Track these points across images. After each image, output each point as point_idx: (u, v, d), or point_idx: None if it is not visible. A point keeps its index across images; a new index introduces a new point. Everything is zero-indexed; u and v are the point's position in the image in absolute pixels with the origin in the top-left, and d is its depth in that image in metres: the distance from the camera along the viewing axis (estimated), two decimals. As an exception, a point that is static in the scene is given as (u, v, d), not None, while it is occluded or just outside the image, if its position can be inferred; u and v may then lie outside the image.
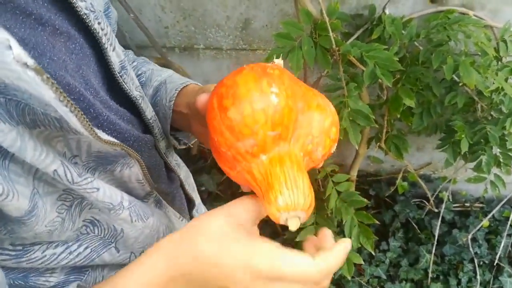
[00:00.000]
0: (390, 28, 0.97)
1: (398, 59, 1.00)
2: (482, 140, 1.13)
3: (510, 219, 1.49)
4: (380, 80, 1.04)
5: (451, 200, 1.62)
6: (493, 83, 0.95)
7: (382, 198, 1.66)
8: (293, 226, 0.38)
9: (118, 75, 0.47)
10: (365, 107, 1.00)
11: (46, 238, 0.39)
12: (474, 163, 1.18)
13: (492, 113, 1.18)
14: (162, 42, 1.28)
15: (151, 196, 0.55)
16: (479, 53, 1.02)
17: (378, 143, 1.29)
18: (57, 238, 0.41)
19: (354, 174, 1.48)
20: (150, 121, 0.54)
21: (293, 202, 0.37)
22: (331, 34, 0.93)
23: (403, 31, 1.02)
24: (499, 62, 1.09)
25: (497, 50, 1.07)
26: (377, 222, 1.08)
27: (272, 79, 0.39)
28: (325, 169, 1.21)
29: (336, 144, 0.45)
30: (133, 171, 0.48)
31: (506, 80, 1.08)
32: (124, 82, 0.49)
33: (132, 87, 0.51)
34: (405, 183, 1.60)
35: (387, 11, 1.07)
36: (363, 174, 1.68)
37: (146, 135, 0.52)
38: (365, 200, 1.12)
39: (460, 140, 1.11)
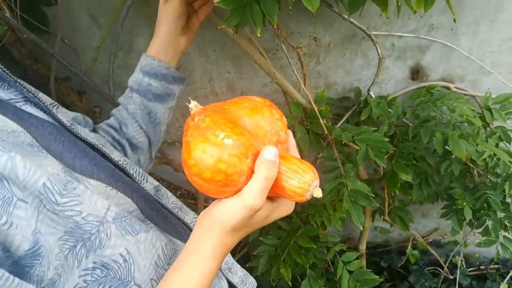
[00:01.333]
0: (377, 110, 1.02)
1: (388, 136, 1.05)
2: (485, 205, 1.13)
3: (529, 279, 1.45)
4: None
5: (465, 265, 1.58)
6: (485, 150, 0.98)
7: (395, 269, 1.62)
8: (318, 194, 0.47)
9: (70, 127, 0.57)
10: (364, 186, 1.02)
11: (67, 284, 0.44)
12: (481, 229, 1.17)
13: (489, 177, 1.21)
14: (164, 138, 1.33)
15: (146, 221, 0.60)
16: (466, 122, 1.07)
17: (382, 216, 1.30)
18: (69, 281, 0.45)
19: (363, 247, 1.47)
20: (120, 163, 0.60)
21: (304, 184, 0.46)
22: (321, 121, 0.98)
23: (390, 110, 1.07)
24: (487, 129, 1.14)
25: (483, 118, 1.12)
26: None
27: (211, 129, 0.45)
28: (333, 248, 1.21)
29: (283, 117, 0.53)
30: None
31: (497, 145, 1.11)
32: (77, 131, 0.58)
33: (87, 134, 0.60)
34: (416, 252, 1.57)
35: (371, 93, 1.13)
36: (372, 246, 1.66)
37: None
38: (377, 277, 1.11)
39: (463, 208, 1.12)
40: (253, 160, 0.45)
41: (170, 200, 0.69)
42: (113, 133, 0.77)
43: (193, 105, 0.51)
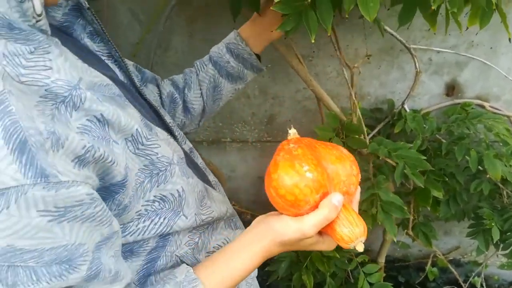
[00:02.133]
0: (412, 124, 1.01)
1: (421, 151, 1.04)
2: (513, 228, 1.12)
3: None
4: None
5: (484, 286, 1.56)
6: (518, 173, 0.97)
7: (412, 285, 1.60)
8: (360, 248, 0.53)
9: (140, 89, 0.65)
10: (396, 198, 1.01)
11: (133, 210, 0.54)
12: (507, 250, 1.15)
13: (519, 199, 1.19)
14: (191, 137, 1.34)
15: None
16: (498, 141, 1.06)
17: (406, 230, 1.29)
18: (135, 208, 0.54)
19: (382, 260, 1.46)
20: (170, 124, 0.68)
21: (353, 235, 0.52)
22: (365, 132, 0.98)
23: (424, 125, 1.07)
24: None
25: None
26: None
27: (300, 159, 0.53)
28: (355, 259, 1.20)
29: (359, 175, 0.59)
30: None
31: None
32: (145, 93, 0.65)
33: (151, 98, 0.67)
34: (435, 269, 1.55)
35: (406, 107, 1.13)
36: (390, 260, 1.65)
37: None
38: (399, 292, 1.10)
39: (491, 228, 1.11)
40: (321, 198, 0.53)
41: (199, 160, 0.78)
42: (173, 90, 0.82)
43: (292, 132, 0.60)
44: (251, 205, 1.53)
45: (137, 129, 0.52)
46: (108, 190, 0.49)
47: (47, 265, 0.41)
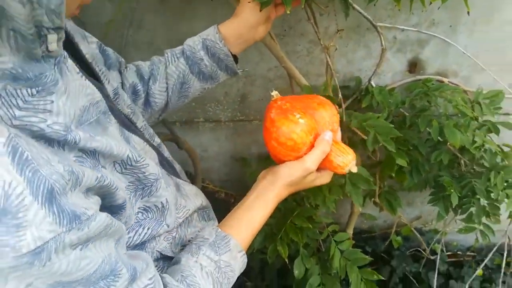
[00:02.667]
0: (378, 97, 1.07)
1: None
2: (470, 193, 1.21)
3: (503, 266, 1.55)
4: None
5: (444, 251, 1.68)
6: (475, 140, 1.05)
7: (378, 254, 1.70)
8: (354, 169, 0.67)
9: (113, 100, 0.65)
10: (363, 170, 1.07)
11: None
12: (464, 215, 1.25)
13: (475, 167, 1.28)
14: (164, 117, 1.35)
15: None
16: (458, 114, 1.14)
17: (373, 199, 1.36)
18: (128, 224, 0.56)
19: (350, 232, 1.54)
20: (141, 129, 0.69)
21: (347, 160, 0.65)
22: (343, 106, 1.03)
23: (389, 100, 1.13)
24: (476, 122, 1.21)
25: (473, 111, 1.19)
26: (381, 277, 1.13)
27: (291, 111, 0.62)
28: (327, 229, 1.26)
29: (338, 114, 0.71)
30: None
31: (485, 137, 1.19)
32: (118, 104, 0.65)
33: (124, 107, 0.67)
34: (399, 238, 1.65)
35: (372, 83, 1.19)
36: (357, 232, 1.73)
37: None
38: (367, 257, 1.17)
39: (450, 195, 1.19)
40: (314, 138, 0.63)
41: (166, 153, 0.79)
42: (137, 81, 0.78)
43: (275, 94, 0.69)
44: (224, 183, 1.57)
45: (128, 156, 0.54)
46: (109, 211, 0.51)
47: (95, 284, 0.43)
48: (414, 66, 1.23)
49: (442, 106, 1.16)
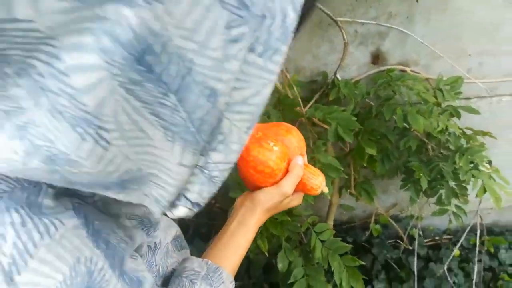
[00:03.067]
0: (344, 89, 1.12)
1: (354, 115, 1.15)
2: (438, 176, 1.27)
3: (477, 245, 1.62)
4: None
5: (422, 235, 1.73)
6: (438, 125, 1.10)
7: (359, 243, 1.74)
8: (326, 190, 0.70)
9: None
10: (333, 160, 1.11)
11: None
12: (435, 198, 1.31)
13: (442, 151, 1.34)
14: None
15: None
16: (421, 102, 1.19)
17: (349, 190, 1.40)
18: None
19: (330, 223, 1.57)
20: None
21: (319, 182, 0.69)
22: (300, 104, 1.06)
23: (355, 91, 1.17)
24: (439, 108, 1.27)
25: (435, 97, 1.24)
26: (363, 263, 1.16)
27: (264, 139, 0.65)
28: (306, 221, 1.30)
29: (303, 139, 0.73)
30: None
31: (447, 121, 1.25)
32: None
33: None
34: (378, 226, 1.70)
35: (338, 76, 1.23)
36: (338, 223, 1.77)
37: None
38: (347, 245, 1.21)
39: (420, 179, 1.24)
40: (287, 164, 0.66)
41: None
42: None
43: None
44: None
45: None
46: None
47: None
48: (377, 58, 1.28)
49: (406, 95, 1.22)
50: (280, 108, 1.16)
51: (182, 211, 0.33)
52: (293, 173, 0.65)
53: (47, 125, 0.24)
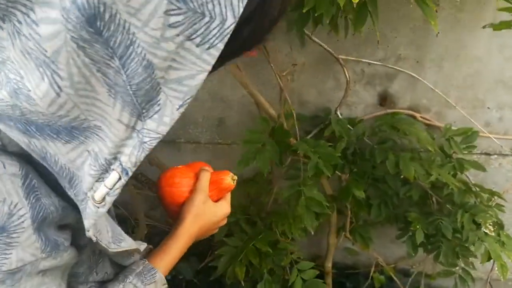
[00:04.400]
0: (336, 127, 1.10)
1: (350, 154, 1.12)
2: (437, 232, 1.18)
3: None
4: (338, 173, 1.15)
5: (429, 295, 1.60)
6: (430, 174, 1.04)
7: (360, 291, 1.65)
8: (235, 177, 0.72)
9: None
10: (319, 195, 1.09)
11: None
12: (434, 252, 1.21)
13: (447, 205, 1.25)
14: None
15: None
16: (422, 150, 1.13)
17: (344, 233, 1.35)
18: None
19: (329, 265, 1.51)
20: None
21: (227, 173, 0.71)
22: (293, 137, 1.06)
23: (351, 129, 1.15)
24: (448, 158, 1.20)
25: (434, 147, 1.18)
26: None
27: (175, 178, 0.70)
28: (289, 256, 1.27)
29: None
30: None
31: (454, 175, 1.17)
32: None
33: None
34: (382, 277, 1.60)
35: (338, 113, 1.21)
36: (341, 267, 1.69)
37: None
38: (327, 288, 1.16)
39: (415, 231, 1.17)
40: (195, 174, 0.70)
41: None
42: None
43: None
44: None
45: None
46: None
47: None
48: (384, 99, 1.25)
49: (408, 140, 1.17)
50: (273, 138, 1.16)
51: (113, 178, 0.37)
52: (201, 174, 0.69)
53: (19, 62, 0.30)
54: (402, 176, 1.18)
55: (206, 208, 0.69)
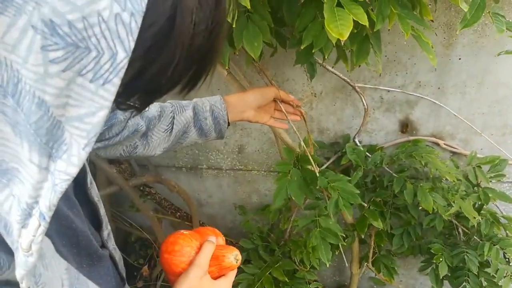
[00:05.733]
0: (352, 155, 1.08)
1: (369, 182, 1.10)
2: (462, 265, 1.12)
3: None
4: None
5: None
6: (450, 205, 1.00)
7: (388, 324, 1.58)
8: (239, 257, 0.68)
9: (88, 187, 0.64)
10: (335, 226, 1.06)
11: None
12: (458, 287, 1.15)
13: (475, 237, 1.19)
14: (172, 162, 1.47)
15: None
16: (445, 179, 1.09)
17: (366, 263, 1.31)
18: None
19: (353, 294, 1.47)
20: (102, 216, 0.68)
21: (232, 255, 0.67)
22: (313, 164, 1.03)
23: (369, 156, 1.12)
24: (475, 188, 1.14)
25: (466, 176, 1.13)
26: None
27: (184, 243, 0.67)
28: (308, 286, 1.24)
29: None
30: None
31: (481, 205, 1.11)
32: (90, 193, 0.64)
33: (94, 195, 0.67)
34: (411, 309, 1.53)
35: (357, 141, 1.19)
36: (368, 297, 1.64)
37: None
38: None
39: (439, 264, 1.12)
40: (200, 244, 0.67)
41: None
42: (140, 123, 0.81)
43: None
44: (229, 231, 1.61)
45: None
46: None
47: None
48: (406, 126, 1.21)
49: (426, 167, 1.12)
50: (298, 166, 1.15)
51: (33, 223, 0.35)
52: (204, 246, 0.66)
53: None
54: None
55: (202, 284, 0.66)
